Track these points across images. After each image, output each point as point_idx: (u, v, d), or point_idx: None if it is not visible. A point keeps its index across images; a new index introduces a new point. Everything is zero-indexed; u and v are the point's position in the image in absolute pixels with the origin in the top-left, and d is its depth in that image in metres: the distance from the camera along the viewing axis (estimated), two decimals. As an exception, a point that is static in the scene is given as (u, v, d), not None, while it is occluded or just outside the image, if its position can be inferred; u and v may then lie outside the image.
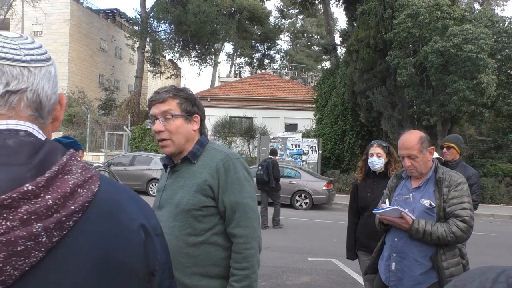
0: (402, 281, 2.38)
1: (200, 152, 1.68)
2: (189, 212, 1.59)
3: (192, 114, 1.67)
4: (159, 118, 1.64)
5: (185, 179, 1.65)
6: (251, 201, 1.65)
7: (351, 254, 3.47)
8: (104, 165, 4.78)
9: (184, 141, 1.66)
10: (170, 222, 1.62)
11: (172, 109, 1.63)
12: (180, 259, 1.57)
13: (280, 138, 17.54)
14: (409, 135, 2.48)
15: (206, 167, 1.63)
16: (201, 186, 1.60)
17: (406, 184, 2.53)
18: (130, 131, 21.24)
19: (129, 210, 0.76)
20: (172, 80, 41.35)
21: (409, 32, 12.45)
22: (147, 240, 0.76)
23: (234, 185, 1.61)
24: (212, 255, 1.60)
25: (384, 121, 14.51)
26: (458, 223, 2.25)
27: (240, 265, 1.57)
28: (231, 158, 1.65)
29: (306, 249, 7.23)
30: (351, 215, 3.51)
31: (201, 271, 1.59)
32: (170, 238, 1.55)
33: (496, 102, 13.38)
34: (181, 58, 30.64)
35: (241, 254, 1.58)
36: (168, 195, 1.68)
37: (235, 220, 1.60)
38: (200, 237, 1.60)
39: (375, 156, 3.30)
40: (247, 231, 1.60)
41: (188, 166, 1.67)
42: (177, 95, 1.65)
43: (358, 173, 3.51)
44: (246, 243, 1.59)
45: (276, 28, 46.41)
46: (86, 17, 33.21)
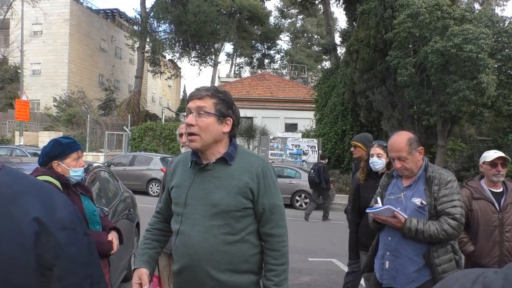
0: (396, 279, 2.41)
1: (234, 154, 1.74)
2: (229, 212, 1.66)
3: (225, 116, 1.72)
4: (193, 113, 1.69)
5: (220, 179, 1.69)
6: (282, 203, 1.80)
7: (353, 254, 3.48)
8: (104, 165, 4.77)
9: (212, 140, 1.70)
10: (206, 221, 1.66)
11: (206, 107, 1.68)
12: (216, 256, 1.64)
13: (280, 138, 17.54)
14: (397, 137, 2.49)
15: (245, 171, 1.70)
16: (242, 189, 1.67)
17: (397, 183, 2.56)
18: (130, 131, 21.23)
19: (23, 203, 0.77)
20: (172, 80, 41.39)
21: (409, 32, 12.44)
22: (42, 233, 0.75)
23: (271, 189, 1.73)
24: (245, 253, 1.68)
25: (384, 121, 14.51)
26: (449, 221, 2.29)
27: (279, 261, 1.70)
28: (267, 164, 1.77)
29: (306, 249, 7.22)
30: (353, 216, 3.51)
31: (234, 267, 1.66)
32: (207, 236, 1.65)
33: (496, 102, 13.38)
34: (181, 58, 30.66)
35: (280, 252, 1.71)
36: (199, 193, 1.70)
37: (273, 221, 1.72)
38: (237, 236, 1.67)
39: (376, 156, 3.31)
40: (283, 230, 1.75)
41: (223, 167, 1.71)
42: (215, 95, 1.72)
43: (360, 173, 3.51)
44: (283, 241, 1.73)
45: (276, 28, 46.41)
46: (86, 17, 33.20)
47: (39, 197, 0.79)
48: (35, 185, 0.82)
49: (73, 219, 0.83)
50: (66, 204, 0.84)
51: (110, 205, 4.06)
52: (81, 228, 0.85)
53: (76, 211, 0.86)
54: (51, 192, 0.83)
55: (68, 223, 0.81)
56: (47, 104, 29.36)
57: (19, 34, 22.24)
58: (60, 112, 26.82)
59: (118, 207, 4.32)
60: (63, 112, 26.21)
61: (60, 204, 0.82)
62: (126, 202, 4.78)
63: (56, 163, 2.34)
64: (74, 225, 0.82)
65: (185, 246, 1.68)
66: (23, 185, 0.80)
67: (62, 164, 2.36)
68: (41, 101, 30.56)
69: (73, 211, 0.85)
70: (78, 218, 0.85)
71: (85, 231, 0.87)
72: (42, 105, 30.25)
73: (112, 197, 4.34)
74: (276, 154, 17.14)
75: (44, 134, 21.68)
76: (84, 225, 0.89)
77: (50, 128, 23.84)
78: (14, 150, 13.58)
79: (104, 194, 4.11)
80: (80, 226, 0.84)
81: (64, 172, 2.36)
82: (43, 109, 29.34)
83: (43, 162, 2.35)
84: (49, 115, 27.24)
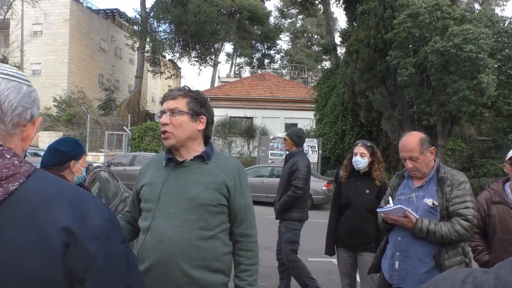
0: (406, 280, 2.39)
1: (211, 155, 1.81)
2: (206, 207, 1.69)
3: (199, 114, 1.78)
4: (167, 113, 1.75)
5: (198, 175, 1.74)
6: (252, 204, 1.87)
7: (329, 250, 3.54)
8: (104, 165, 4.78)
9: (185, 137, 1.76)
10: (182, 215, 1.69)
11: (179, 107, 1.75)
12: (190, 251, 1.66)
13: (280, 138, 17.53)
14: (409, 137, 2.47)
15: (221, 170, 1.77)
16: (219, 185, 1.73)
17: (408, 184, 2.54)
18: (130, 131, 21.23)
19: (52, 211, 0.73)
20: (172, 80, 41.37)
21: (409, 32, 12.44)
22: (71, 244, 0.71)
23: (245, 190, 1.81)
24: (217, 250, 1.71)
25: (384, 121, 14.51)
26: (461, 222, 2.26)
27: (252, 261, 1.77)
28: (241, 166, 1.86)
29: (306, 249, 7.22)
30: (334, 212, 3.56)
31: (206, 264, 1.68)
32: (183, 230, 1.67)
33: (496, 102, 13.37)
34: (181, 58, 30.64)
35: (253, 252, 1.79)
36: (174, 188, 1.73)
37: (247, 221, 1.79)
38: (211, 232, 1.70)
39: (359, 155, 3.35)
40: (256, 231, 1.83)
41: (200, 165, 1.77)
42: (187, 95, 1.78)
43: (343, 171, 3.56)
44: (255, 242, 1.81)
45: (276, 28, 46.41)
46: (86, 17, 33.20)
47: (70, 204, 0.75)
48: (66, 191, 0.78)
49: (107, 227, 0.78)
50: (101, 211, 0.80)
51: (110, 205, 4.06)
52: (117, 236, 0.80)
53: (111, 218, 0.81)
54: (84, 199, 0.79)
55: (101, 232, 0.76)
56: (47, 104, 29.36)
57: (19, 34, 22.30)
58: (60, 112, 26.83)
59: (118, 207, 4.33)
60: (63, 112, 26.22)
61: (93, 211, 0.78)
62: (126, 202, 4.78)
63: (73, 163, 2.39)
64: (108, 234, 0.78)
65: (158, 240, 1.67)
66: (53, 192, 0.76)
67: (77, 164, 2.41)
68: (41, 101, 30.51)
69: (108, 217, 0.80)
70: (113, 225, 0.81)
71: (123, 238, 0.83)
72: (42, 105, 30.18)
73: (112, 197, 4.34)
74: (276, 154, 17.14)
75: (44, 134, 21.68)
76: (121, 233, 0.84)
77: (50, 128, 23.84)
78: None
79: (104, 194, 4.12)
80: (115, 234, 0.80)
81: (78, 172, 2.42)
82: (43, 109, 29.33)
83: (60, 161, 2.35)
84: (49, 115, 27.24)
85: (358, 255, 3.39)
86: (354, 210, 3.36)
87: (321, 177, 13.84)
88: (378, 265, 2.64)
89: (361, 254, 3.37)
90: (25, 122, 0.84)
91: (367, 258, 3.34)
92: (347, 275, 3.48)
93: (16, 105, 0.81)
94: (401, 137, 2.55)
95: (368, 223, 3.30)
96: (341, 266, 3.52)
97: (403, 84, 12.88)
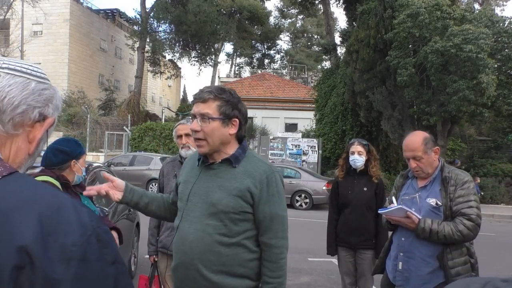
0: (409, 280, 2.37)
1: (242, 158, 1.72)
2: (227, 214, 1.63)
3: (231, 117, 1.68)
4: (198, 118, 1.67)
5: (224, 180, 1.68)
6: (285, 213, 1.74)
7: (331, 250, 3.54)
8: (104, 165, 4.78)
9: (219, 143, 1.69)
10: (204, 219, 1.65)
11: (210, 112, 1.65)
12: (210, 256, 1.62)
13: (280, 138, 17.53)
14: (412, 137, 2.46)
15: (249, 175, 1.67)
16: (243, 191, 1.64)
17: (412, 184, 2.52)
18: (130, 131, 21.23)
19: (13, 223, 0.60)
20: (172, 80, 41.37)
21: (409, 32, 12.44)
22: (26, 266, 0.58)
23: (274, 197, 1.68)
24: (240, 256, 1.65)
25: (384, 121, 14.51)
26: (464, 222, 2.23)
27: (275, 273, 1.66)
28: (274, 171, 1.72)
29: (306, 249, 7.22)
30: (332, 212, 3.58)
31: (227, 270, 1.64)
32: (202, 234, 1.64)
33: (496, 102, 13.38)
34: (181, 58, 30.64)
35: (277, 264, 1.67)
36: (201, 190, 1.70)
37: (273, 230, 1.67)
38: (233, 239, 1.64)
39: (356, 154, 3.38)
40: (283, 242, 1.70)
41: (228, 168, 1.70)
42: (218, 97, 1.67)
43: (339, 170, 3.59)
44: (281, 253, 1.69)
45: (276, 28, 46.39)
46: (86, 17, 33.20)
47: (39, 215, 0.62)
48: (39, 199, 0.65)
49: (86, 245, 0.63)
50: (81, 225, 0.65)
51: (110, 205, 4.06)
52: (102, 256, 0.65)
53: (96, 233, 0.66)
54: (61, 208, 0.65)
55: (74, 252, 0.62)
56: (47, 104, 29.32)
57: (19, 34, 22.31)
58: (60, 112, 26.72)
59: (118, 207, 4.33)
60: (63, 112, 26.18)
61: (69, 225, 0.64)
62: (126, 202, 4.77)
63: (73, 162, 2.40)
64: (85, 254, 0.63)
65: (181, 242, 1.68)
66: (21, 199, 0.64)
67: (78, 164, 2.42)
68: (41, 101, 30.53)
69: (90, 233, 0.65)
70: (98, 242, 0.65)
71: (114, 258, 0.67)
72: (42, 105, 30.20)
73: (112, 197, 4.33)
74: (276, 154, 17.14)
75: (44, 134, 21.65)
76: (111, 251, 0.68)
77: (50, 128, 23.81)
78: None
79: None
80: (100, 253, 0.65)
81: (78, 172, 2.43)
82: (43, 109, 29.31)
83: (62, 161, 2.37)
84: (49, 115, 27.21)
85: (358, 253, 3.41)
86: (353, 208, 3.37)
87: (321, 177, 13.85)
88: (383, 266, 2.63)
89: (361, 252, 3.39)
90: (30, 122, 0.76)
91: (367, 255, 3.36)
92: (348, 274, 3.49)
93: (18, 103, 0.73)
94: (405, 137, 2.55)
95: (367, 220, 3.34)
96: (342, 266, 3.52)
97: (403, 84, 12.88)
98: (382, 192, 3.42)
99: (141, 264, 5.32)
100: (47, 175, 2.28)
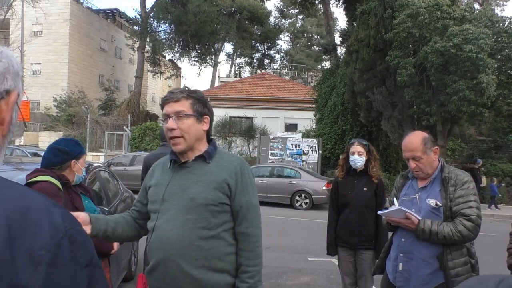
0: (410, 281, 2.37)
1: (214, 154, 1.79)
2: (206, 206, 1.67)
3: (203, 115, 1.77)
4: (172, 117, 1.72)
5: (199, 175, 1.73)
6: (258, 203, 1.80)
7: (331, 250, 3.54)
8: (104, 165, 4.78)
9: (195, 139, 1.75)
10: (182, 215, 1.68)
11: (185, 110, 1.72)
12: (190, 251, 1.64)
13: (280, 138, 17.53)
14: (411, 137, 2.45)
15: (223, 168, 1.74)
16: (220, 183, 1.70)
17: (412, 184, 2.51)
18: (130, 131, 21.23)
19: None
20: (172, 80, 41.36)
21: (409, 32, 12.44)
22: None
23: (248, 188, 1.76)
24: (219, 250, 1.68)
25: (384, 121, 14.51)
26: (464, 222, 2.22)
27: (253, 262, 1.70)
28: (245, 163, 1.81)
29: (306, 249, 7.23)
30: (332, 212, 3.59)
31: (208, 264, 1.66)
32: (182, 230, 1.66)
33: (496, 102, 13.38)
34: (181, 58, 30.66)
35: (254, 252, 1.72)
36: (176, 189, 1.72)
37: (249, 219, 1.73)
38: (212, 231, 1.67)
39: (357, 154, 3.39)
40: (258, 231, 1.76)
41: (202, 165, 1.76)
42: (190, 96, 1.75)
43: (339, 170, 3.60)
44: (257, 241, 1.74)
45: (276, 28, 46.39)
46: (86, 17, 33.21)
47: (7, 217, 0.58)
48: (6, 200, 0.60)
49: (57, 247, 0.59)
50: (53, 226, 0.61)
51: (110, 205, 4.06)
52: (74, 259, 0.61)
53: (69, 235, 0.62)
54: (31, 209, 0.61)
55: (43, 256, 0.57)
56: (47, 104, 29.37)
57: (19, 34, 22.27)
58: (60, 112, 26.83)
59: (118, 207, 4.33)
60: (63, 112, 26.22)
61: (39, 227, 0.59)
62: (126, 202, 4.79)
63: (73, 162, 2.41)
64: (55, 257, 0.58)
65: (160, 240, 1.69)
66: None
67: (78, 164, 2.43)
68: (41, 101, 30.57)
69: (62, 235, 0.61)
70: (71, 244, 0.61)
71: (88, 261, 0.63)
72: (42, 105, 30.25)
73: (112, 197, 4.34)
74: (276, 154, 17.14)
75: (44, 134, 21.67)
76: (85, 253, 0.64)
77: (50, 128, 23.84)
78: (14, 150, 13.57)
79: (104, 194, 4.12)
80: (71, 256, 0.60)
81: (78, 172, 2.44)
82: (43, 109, 29.35)
83: (62, 161, 2.37)
84: (49, 115, 27.25)
85: (358, 253, 3.41)
86: (353, 209, 3.38)
87: (321, 177, 13.84)
88: (383, 266, 2.63)
89: (360, 252, 3.39)
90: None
91: (367, 255, 3.36)
92: (348, 274, 3.49)
93: None
94: (404, 137, 2.54)
95: (367, 220, 3.34)
96: (342, 266, 3.52)
97: (403, 84, 12.88)
98: (382, 192, 3.42)
99: (141, 264, 5.32)
100: (47, 175, 2.28)
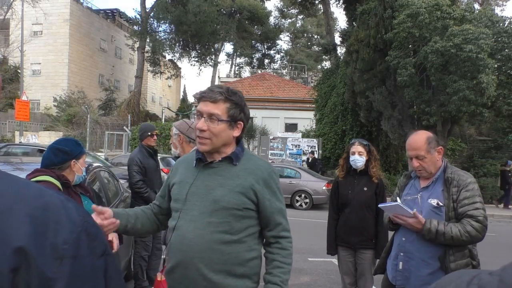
0: (409, 280, 2.37)
1: (241, 156, 1.74)
2: (229, 210, 1.63)
3: (237, 120, 1.70)
4: (205, 117, 1.66)
5: (224, 178, 1.68)
6: (285, 207, 1.83)
7: (331, 249, 3.55)
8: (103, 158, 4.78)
9: (221, 144, 1.70)
10: (205, 217, 1.64)
11: (219, 113, 1.65)
12: (210, 254, 1.61)
13: (280, 138, 17.54)
14: (416, 136, 2.45)
15: (250, 173, 1.70)
16: (246, 189, 1.66)
17: (414, 184, 2.51)
18: (130, 131, 21.23)
19: (6, 225, 0.59)
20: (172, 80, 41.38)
21: (409, 32, 12.43)
22: (22, 267, 0.58)
23: (277, 194, 1.75)
24: (241, 255, 1.65)
25: (384, 121, 14.51)
26: (472, 223, 2.21)
27: (287, 260, 1.73)
28: (273, 168, 1.79)
29: (306, 249, 7.23)
30: (332, 212, 3.59)
31: (228, 269, 1.62)
32: (204, 232, 1.62)
33: (496, 102, 13.38)
34: (181, 58, 30.68)
35: (288, 251, 1.74)
36: (200, 189, 1.68)
37: (282, 224, 1.74)
38: (235, 236, 1.64)
39: (357, 154, 3.40)
40: (290, 233, 1.79)
41: (228, 166, 1.71)
42: (228, 99, 1.67)
43: (339, 170, 3.60)
44: (290, 243, 1.77)
45: (276, 28, 46.42)
46: (86, 17, 33.21)
47: (28, 215, 0.61)
48: (25, 198, 0.63)
49: (77, 241, 0.64)
50: (71, 221, 0.65)
51: (110, 205, 4.06)
52: (92, 250, 0.66)
53: (85, 228, 0.66)
54: (49, 206, 0.64)
55: (66, 250, 0.62)
56: (47, 104, 29.38)
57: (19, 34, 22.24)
58: (60, 112, 26.85)
59: (118, 207, 4.33)
60: (63, 112, 26.24)
61: (59, 224, 0.63)
62: (126, 202, 4.78)
63: (73, 162, 2.41)
64: (77, 251, 0.63)
65: (180, 242, 1.65)
66: (9, 199, 0.62)
67: (78, 164, 2.42)
68: (41, 101, 30.57)
69: (80, 229, 0.65)
70: (88, 236, 0.66)
71: (102, 250, 0.68)
72: (42, 105, 30.26)
73: (112, 197, 4.34)
74: (276, 154, 17.14)
75: (44, 134, 21.67)
76: (100, 243, 0.68)
77: (50, 128, 23.85)
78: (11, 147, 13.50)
79: (104, 194, 4.11)
80: (90, 248, 0.65)
81: (78, 172, 2.43)
82: (43, 109, 29.36)
83: (62, 161, 2.37)
84: (49, 115, 27.25)
85: (358, 253, 3.42)
86: (353, 208, 3.38)
87: (321, 177, 13.84)
88: (384, 266, 2.62)
89: (360, 252, 3.40)
90: None
91: (367, 255, 3.37)
92: (348, 274, 3.49)
93: None
94: (407, 136, 2.54)
95: (367, 220, 3.35)
96: (342, 265, 3.52)
97: (403, 84, 12.88)
98: (382, 192, 3.42)
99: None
100: (47, 175, 2.28)
